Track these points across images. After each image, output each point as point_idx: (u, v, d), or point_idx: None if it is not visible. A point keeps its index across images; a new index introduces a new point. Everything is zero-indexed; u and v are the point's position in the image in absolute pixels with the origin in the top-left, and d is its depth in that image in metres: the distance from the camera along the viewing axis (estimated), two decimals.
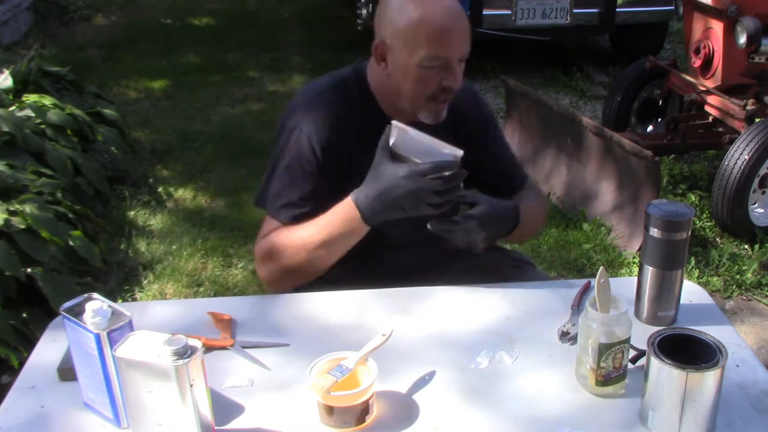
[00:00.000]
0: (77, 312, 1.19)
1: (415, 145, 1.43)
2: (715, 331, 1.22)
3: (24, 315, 2.51)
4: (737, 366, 1.32)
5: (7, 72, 3.85)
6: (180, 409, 1.12)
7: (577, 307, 1.47)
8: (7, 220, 2.64)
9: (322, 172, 1.58)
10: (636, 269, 2.99)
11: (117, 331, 1.16)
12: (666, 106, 4.06)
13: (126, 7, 7.57)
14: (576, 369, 1.30)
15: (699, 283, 2.67)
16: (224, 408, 1.25)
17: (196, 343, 1.12)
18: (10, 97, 3.70)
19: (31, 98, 3.65)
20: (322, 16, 7.18)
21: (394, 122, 1.44)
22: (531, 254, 3.25)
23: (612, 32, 5.63)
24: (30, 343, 2.33)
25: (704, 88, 3.63)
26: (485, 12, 4.99)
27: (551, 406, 1.25)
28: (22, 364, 1.39)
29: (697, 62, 3.64)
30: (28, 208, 2.74)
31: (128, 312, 1.20)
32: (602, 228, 3.38)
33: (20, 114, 3.44)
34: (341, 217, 1.50)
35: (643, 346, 1.20)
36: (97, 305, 1.17)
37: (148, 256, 3.28)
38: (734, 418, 1.20)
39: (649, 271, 1.41)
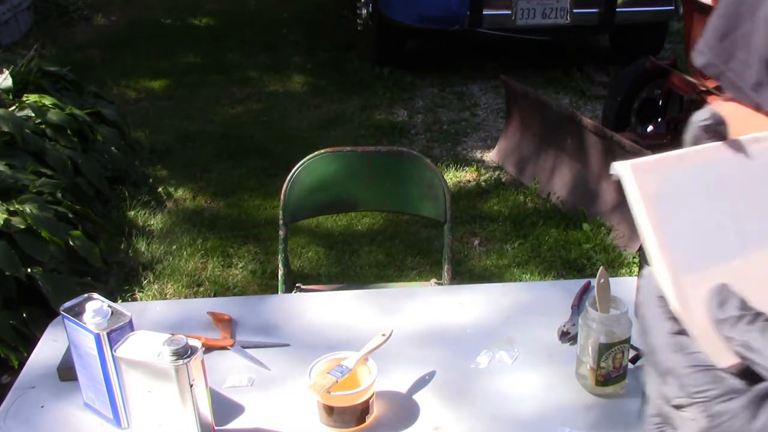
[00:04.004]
0: (77, 312, 1.19)
1: None
2: None
3: (24, 315, 2.51)
4: None
5: (7, 72, 3.85)
6: (180, 409, 1.12)
7: (577, 307, 1.47)
8: (7, 220, 2.64)
9: None
10: (636, 269, 2.99)
11: (117, 331, 1.16)
12: (666, 106, 4.06)
13: (126, 7, 7.57)
14: (576, 369, 1.30)
15: None
16: (224, 408, 1.25)
17: (196, 343, 1.12)
18: (10, 97, 3.70)
19: (31, 98, 3.64)
20: (322, 16, 7.18)
21: None
22: (531, 254, 3.25)
23: (612, 32, 5.63)
24: (30, 343, 2.33)
25: (704, 88, 3.63)
26: (485, 12, 4.99)
27: (551, 406, 1.25)
28: (22, 364, 1.39)
29: None
30: (28, 208, 2.74)
31: (128, 312, 1.20)
32: (602, 228, 3.38)
33: (20, 114, 3.44)
34: None
35: None
36: (97, 305, 1.17)
37: (148, 256, 3.28)
38: None
39: None
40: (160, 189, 3.89)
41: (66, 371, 1.31)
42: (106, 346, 1.16)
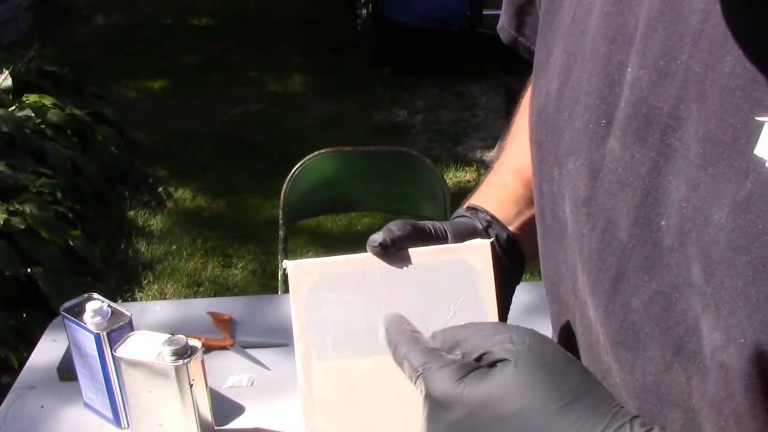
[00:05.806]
0: (77, 312, 1.19)
1: None
2: None
3: (24, 315, 2.51)
4: None
5: (7, 72, 3.85)
6: (180, 409, 1.12)
7: None
8: (7, 220, 2.65)
9: None
10: None
11: (117, 331, 1.16)
12: None
13: (126, 7, 7.57)
14: None
15: None
16: (224, 408, 1.25)
17: (196, 343, 1.12)
18: (10, 97, 3.70)
19: (31, 98, 3.65)
20: (322, 16, 7.18)
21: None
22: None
23: None
24: (30, 343, 2.33)
25: None
26: (485, 12, 4.99)
27: None
28: (22, 364, 1.39)
29: None
30: (28, 208, 2.74)
31: (128, 312, 1.20)
32: None
33: (20, 114, 3.45)
34: None
35: None
36: (97, 305, 1.17)
37: (148, 256, 3.28)
38: None
39: None
40: (160, 189, 3.89)
41: (66, 371, 1.31)
42: (106, 346, 1.16)
